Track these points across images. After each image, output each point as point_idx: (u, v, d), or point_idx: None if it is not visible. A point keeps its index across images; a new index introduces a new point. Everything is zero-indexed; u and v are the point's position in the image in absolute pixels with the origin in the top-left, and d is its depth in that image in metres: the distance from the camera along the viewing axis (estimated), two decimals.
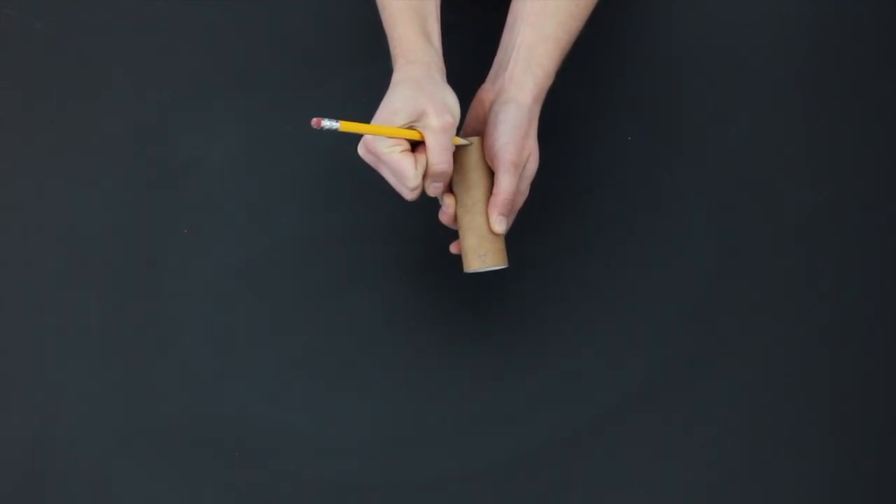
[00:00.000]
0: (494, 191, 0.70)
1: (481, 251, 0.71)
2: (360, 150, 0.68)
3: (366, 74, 0.94)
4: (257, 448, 0.76)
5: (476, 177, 0.71)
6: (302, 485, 0.75)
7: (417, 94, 0.65)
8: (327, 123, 0.63)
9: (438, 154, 0.65)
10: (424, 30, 0.71)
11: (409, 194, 0.67)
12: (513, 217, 0.73)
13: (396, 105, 0.65)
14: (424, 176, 0.67)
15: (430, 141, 0.65)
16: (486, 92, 0.74)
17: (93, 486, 0.75)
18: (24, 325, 0.82)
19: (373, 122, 0.66)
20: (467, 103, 0.92)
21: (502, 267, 0.73)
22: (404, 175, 0.65)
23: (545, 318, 0.81)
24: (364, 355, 0.80)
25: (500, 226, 0.70)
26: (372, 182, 0.88)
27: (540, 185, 0.86)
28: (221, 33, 0.95)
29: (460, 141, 0.70)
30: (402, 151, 0.65)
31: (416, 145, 0.67)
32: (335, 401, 0.78)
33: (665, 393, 0.78)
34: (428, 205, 0.86)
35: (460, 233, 0.73)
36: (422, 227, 0.85)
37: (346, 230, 0.86)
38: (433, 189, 0.68)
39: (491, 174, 0.71)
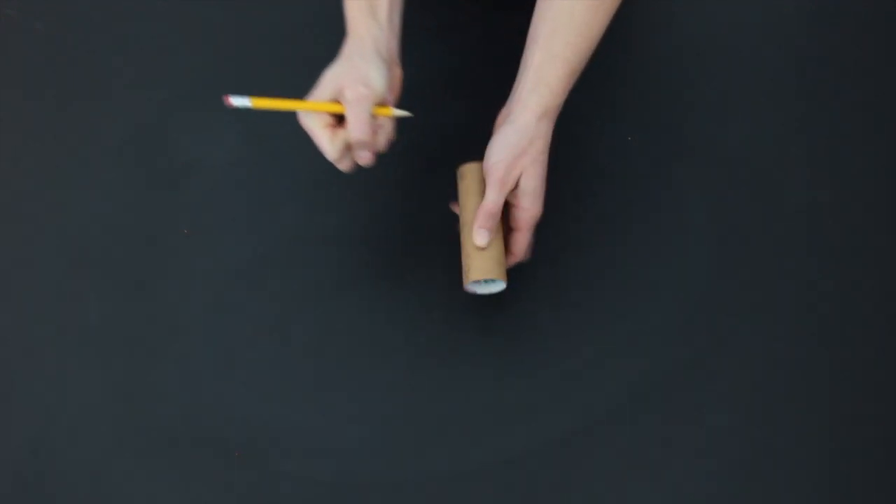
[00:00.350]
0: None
1: (466, 268, 0.74)
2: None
3: None
4: (257, 448, 0.76)
5: (465, 200, 0.75)
6: (302, 485, 0.75)
7: (342, 68, 0.70)
8: (237, 101, 0.68)
9: (353, 124, 0.69)
10: (371, 4, 0.74)
11: (338, 165, 0.72)
12: (527, 234, 0.74)
13: (323, 81, 0.70)
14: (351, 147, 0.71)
15: (346, 112, 0.69)
16: (501, 115, 0.77)
17: (93, 486, 0.75)
18: (24, 325, 0.82)
19: (308, 97, 0.70)
20: (468, 102, 0.92)
21: (492, 281, 0.74)
22: (321, 147, 0.70)
23: (545, 317, 0.81)
24: (364, 355, 0.80)
25: (479, 238, 0.72)
26: (372, 182, 0.88)
27: None
28: (221, 33, 0.95)
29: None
30: (322, 126, 0.70)
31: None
32: (335, 401, 0.78)
33: (665, 393, 0.78)
34: (427, 205, 0.87)
35: (465, 252, 0.76)
36: (422, 227, 0.85)
37: (346, 230, 0.86)
38: (361, 158, 0.71)
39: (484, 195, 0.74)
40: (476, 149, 0.89)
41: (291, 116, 0.90)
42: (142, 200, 0.88)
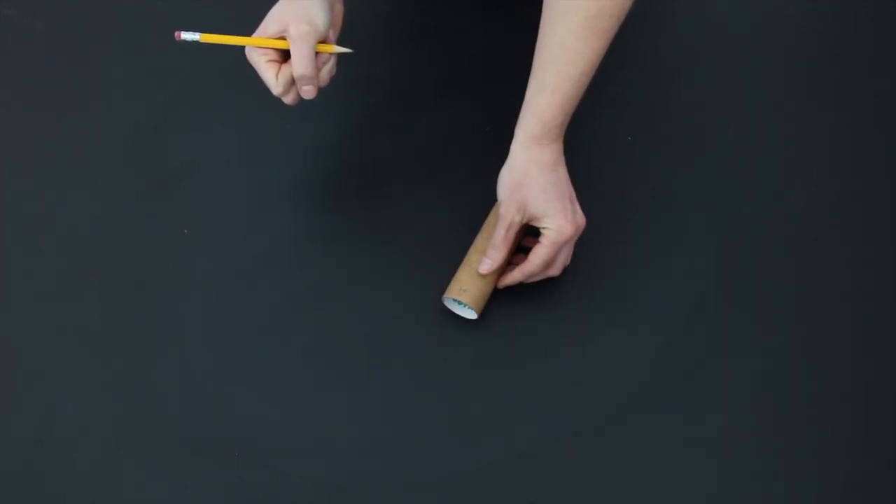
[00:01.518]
0: None
1: (465, 286, 0.77)
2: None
3: (365, 73, 0.94)
4: (257, 448, 0.76)
5: (484, 227, 0.81)
6: (302, 485, 0.75)
7: (287, 6, 0.74)
8: (187, 35, 0.73)
9: (297, 59, 0.72)
10: None
11: (285, 99, 0.76)
12: (548, 249, 0.76)
13: (269, 18, 0.74)
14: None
15: (291, 48, 0.73)
16: None
17: (93, 485, 0.75)
18: (24, 325, 0.82)
19: (254, 34, 0.75)
20: (468, 102, 0.92)
21: (471, 312, 0.78)
22: (267, 82, 0.75)
23: (545, 317, 0.81)
24: (363, 355, 0.80)
25: (482, 266, 0.77)
26: (372, 182, 0.88)
27: None
28: (221, 33, 0.95)
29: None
30: (267, 61, 0.74)
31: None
32: (335, 401, 0.78)
33: (665, 393, 0.78)
34: (427, 205, 0.87)
35: (465, 269, 0.79)
36: (422, 227, 0.85)
37: (346, 230, 0.86)
38: (304, 92, 0.75)
39: None
40: (475, 149, 0.89)
41: (292, 116, 0.90)
42: (142, 200, 0.88)
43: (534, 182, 0.75)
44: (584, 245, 0.80)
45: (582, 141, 0.88)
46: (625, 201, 0.86)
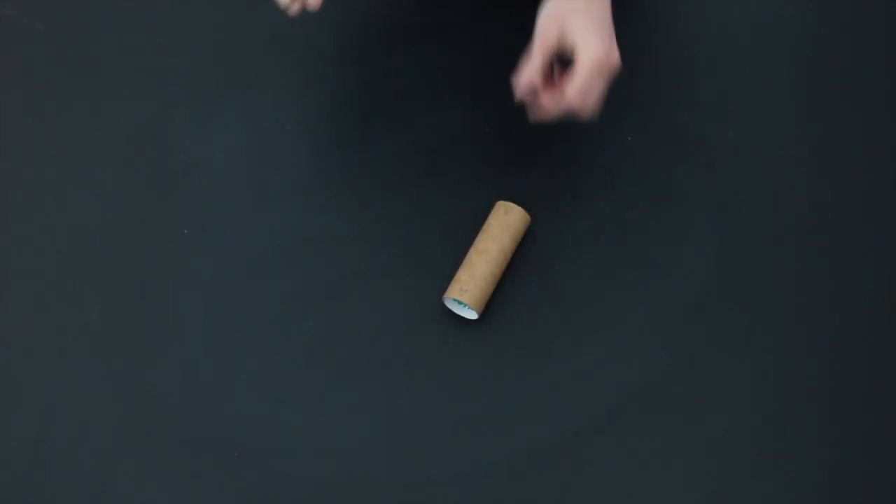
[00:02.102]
0: None
1: (465, 286, 0.77)
2: None
3: (365, 74, 0.94)
4: (257, 448, 0.76)
5: (496, 232, 0.80)
6: (302, 485, 0.75)
7: None
8: None
9: None
10: None
11: (290, 10, 0.77)
12: (584, 75, 0.73)
13: None
14: None
15: None
16: None
17: (93, 486, 0.75)
18: (24, 325, 0.82)
19: None
20: (468, 102, 0.92)
21: (471, 312, 0.79)
22: None
23: (546, 317, 0.81)
24: (364, 355, 0.80)
25: (518, 89, 0.75)
26: (372, 182, 0.88)
27: (540, 184, 0.86)
28: (221, 33, 0.95)
29: None
30: None
31: None
32: (335, 401, 0.78)
33: (665, 393, 0.78)
34: (427, 204, 0.87)
35: (465, 270, 0.79)
36: (422, 227, 0.85)
37: (346, 230, 0.86)
38: (310, 5, 0.76)
39: (511, 239, 0.79)
40: (475, 149, 0.89)
41: (292, 116, 0.90)
42: (142, 200, 0.88)
43: (576, 9, 0.73)
44: (584, 244, 0.81)
45: (582, 141, 0.88)
46: (625, 201, 0.86)
